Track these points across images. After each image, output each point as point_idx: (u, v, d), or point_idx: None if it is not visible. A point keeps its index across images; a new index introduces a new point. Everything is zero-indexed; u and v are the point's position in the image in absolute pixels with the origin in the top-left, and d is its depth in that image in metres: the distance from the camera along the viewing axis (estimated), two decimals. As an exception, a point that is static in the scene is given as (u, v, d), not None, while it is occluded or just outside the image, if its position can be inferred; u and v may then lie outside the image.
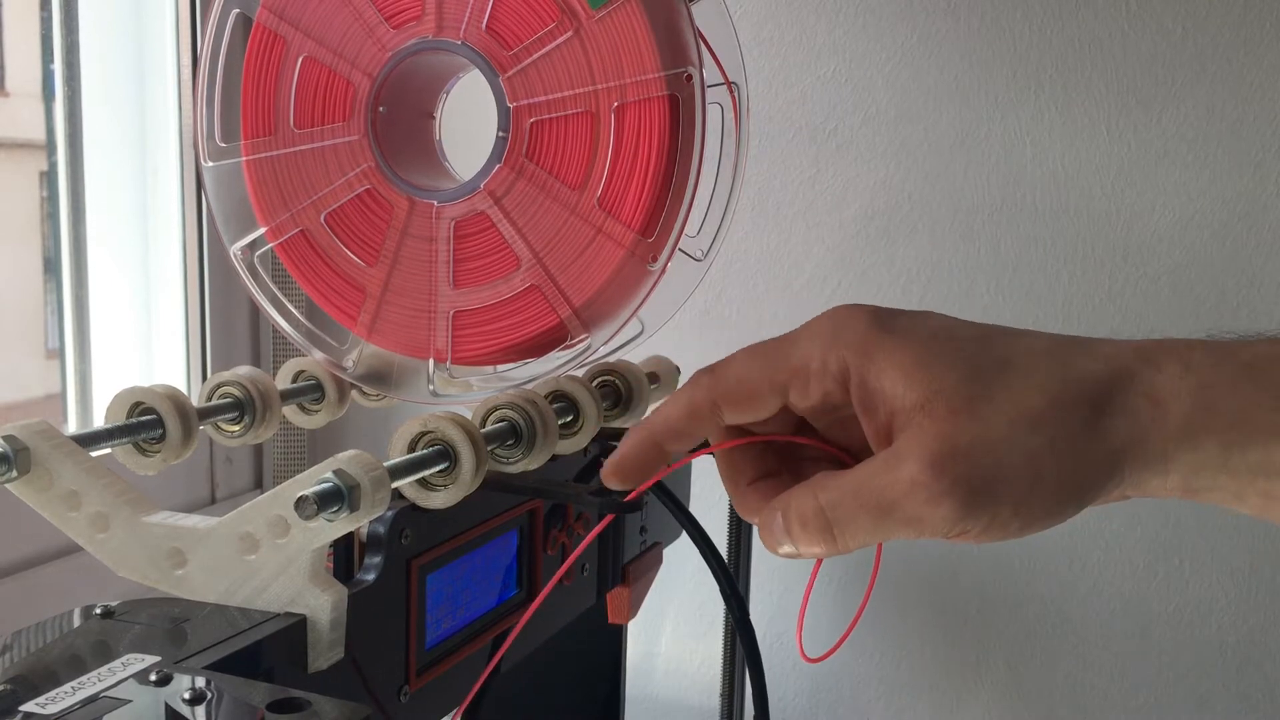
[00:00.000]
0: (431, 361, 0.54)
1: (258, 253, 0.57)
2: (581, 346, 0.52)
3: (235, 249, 0.57)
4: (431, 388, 0.54)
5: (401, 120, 0.55)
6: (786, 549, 0.39)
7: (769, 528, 0.39)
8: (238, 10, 0.55)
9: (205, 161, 0.56)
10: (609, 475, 0.41)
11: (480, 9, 0.50)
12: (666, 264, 0.51)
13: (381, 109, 0.53)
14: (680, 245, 0.51)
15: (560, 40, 0.50)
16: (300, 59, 0.54)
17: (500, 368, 0.55)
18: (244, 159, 0.55)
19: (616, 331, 0.52)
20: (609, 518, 0.59)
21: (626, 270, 0.50)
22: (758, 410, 0.39)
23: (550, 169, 0.51)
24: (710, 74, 0.52)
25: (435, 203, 0.53)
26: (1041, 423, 0.35)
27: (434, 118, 0.58)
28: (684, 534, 0.56)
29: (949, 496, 0.34)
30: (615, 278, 0.50)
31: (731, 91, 0.55)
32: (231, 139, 0.56)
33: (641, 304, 0.51)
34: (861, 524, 0.36)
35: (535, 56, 0.50)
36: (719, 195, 0.56)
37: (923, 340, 0.36)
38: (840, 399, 0.38)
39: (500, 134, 0.51)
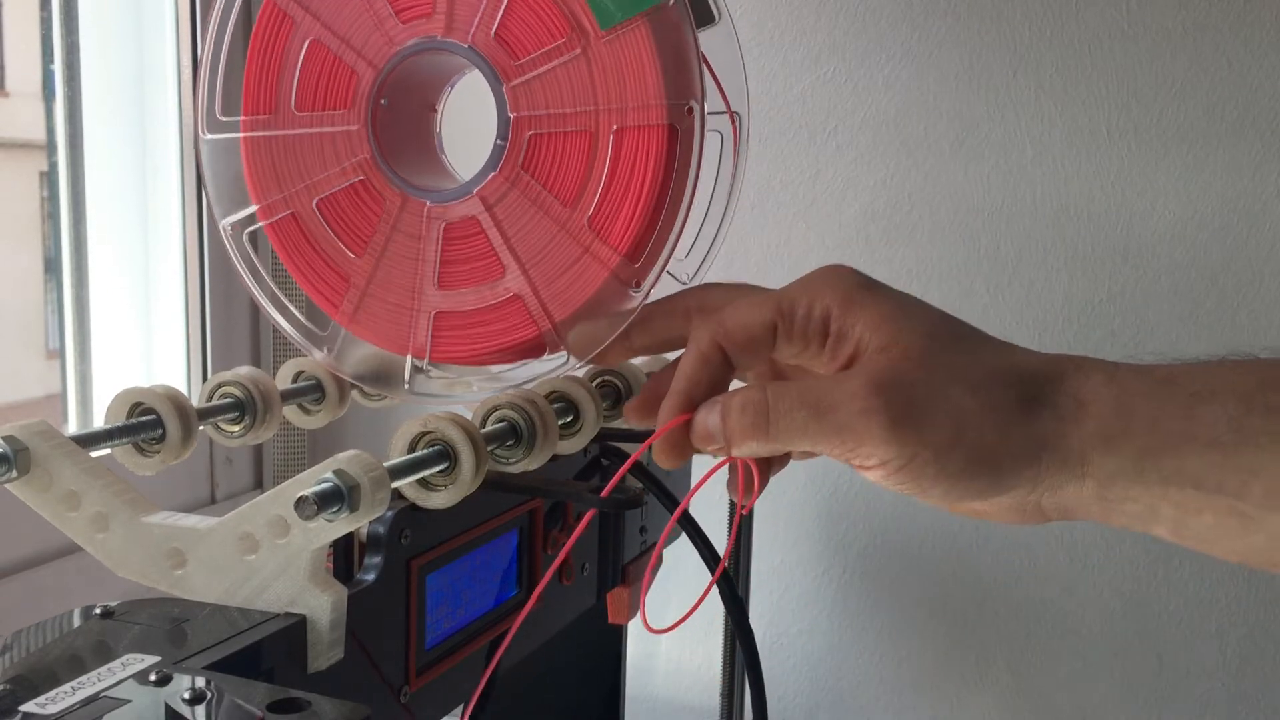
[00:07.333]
0: (409, 358, 0.54)
1: (247, 230, 0.56)
2: (559, 361, 0.52)
3: (225, 223, 0.56)
4: (407, 386, 0.54)
5: (402, 114, 0.55)
6: (712, 443, 0.41)
7: (702, 420, 0.42)
8: (249, -16, 0.55)
9: (203, 134, 0.56)
10: (665, 457, 0.43)
11: (491, 14, 0.50)
12: (650, 291, 0.50)
13: (383, 101, 0.53)
14: (669, 268, 0.51)
15: (567, 57, 0.49)
16: (307, 42, 0.53)
17: (499, 368, 0.55)
18: (241, 135, 0.55)
19: (599, 350, 0.51)
20: (591, 512, 0.59)
21: (609, 292, 0.50)
22: (755, 350, 0.43)
23: (544, 183, 0.50)
24: (713, 100, 0.52)
25: (427, 202, 0.52)
26: (977, 388, 0.39)
27: (436, 111, 0.58)
28: (684, 534, 0.56)
29: (880, 413, 0.38)
30: (598, 298, 0.50)
31: (733, 120, 0.55)
32: (231, 114, 0.55)
33: (623, 327, 0.51)
34: (796, 418, 0.39)
35: (541, 70, 0.50)
36: (711, 220, 0.56)
37: (897, 302, 0.42)
38: (817, 346, 0.42)
39: (499, 142, 0.51)
